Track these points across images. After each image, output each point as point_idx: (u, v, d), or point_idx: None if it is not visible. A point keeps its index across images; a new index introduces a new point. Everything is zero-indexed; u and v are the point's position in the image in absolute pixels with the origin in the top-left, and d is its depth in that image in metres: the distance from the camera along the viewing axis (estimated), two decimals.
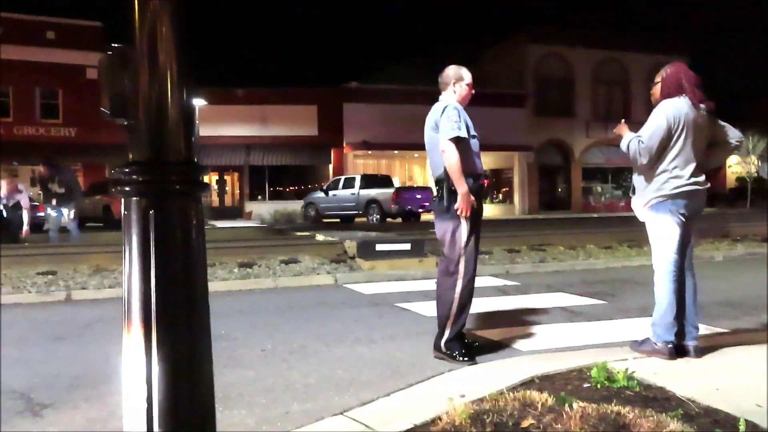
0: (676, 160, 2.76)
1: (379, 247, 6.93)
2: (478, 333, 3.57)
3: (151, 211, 1.03)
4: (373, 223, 17.22)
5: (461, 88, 3.07)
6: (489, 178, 25.56)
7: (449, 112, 2.91)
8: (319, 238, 8.95)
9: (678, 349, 2.75)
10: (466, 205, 2.87)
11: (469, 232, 2.92)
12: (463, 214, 2.89)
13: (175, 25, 1.07)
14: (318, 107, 23.46)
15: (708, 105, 2.81)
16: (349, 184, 18.64)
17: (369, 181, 18.46)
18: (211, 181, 24.11)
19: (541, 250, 7.89)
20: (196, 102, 1.15)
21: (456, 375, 2.63)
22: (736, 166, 29.09)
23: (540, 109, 25.71)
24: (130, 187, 1.04)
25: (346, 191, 18.48)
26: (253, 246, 7.98)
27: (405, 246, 7.00)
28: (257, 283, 5.87)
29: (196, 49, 1.11)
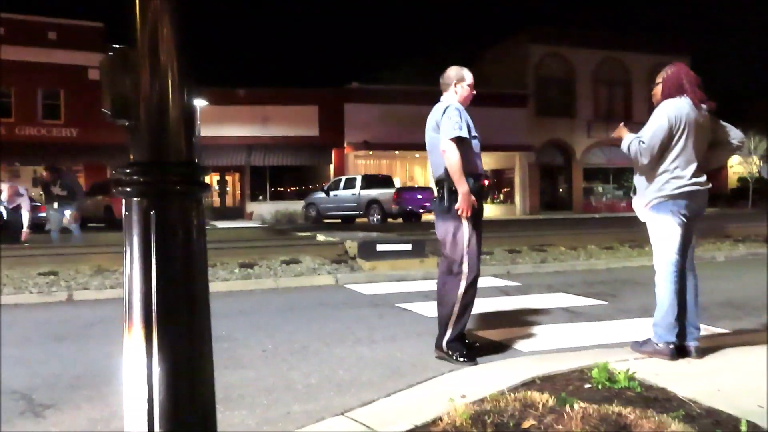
0: (678, 161, 2.76)
1: (380, 247, 6.93)
2: (479, 333, 3.57)
3: (152, 211, 1.03)
4: (374, 223, 17.22)
5: (463, 88, 3.08)
6: (490, 179, 25.56)
7: (450, 112, 2.92)
8: (320, 238, 8.96)
9: (679, 350, 2.75)
10: (467, 204, 2.87)
11: (470, 232, 2.92)
12: (463, 214, 2.89)
13: (176, 26, 1.07)
14: (319, 107, 23.48)
15: (709, 105, 2.80)
16: (350, 185, 18.65)
17: (370, 182, 18.46)
18: (212, 182, 24.15)
19: (542, 251, 7.89)
20: (198, 102, 1.15)
21: (457, 375, 2.63)
22: (737, 167, 29.05)
23: (541, 110, 25.70)
24: (131, 188, 1.04)
25: (347, 192, 18.48)
26: (254, 246, 7.98)
27: (406, 246, 7.00)
28: (258, 284, 5.88)
29: (197, 49, 1.12)
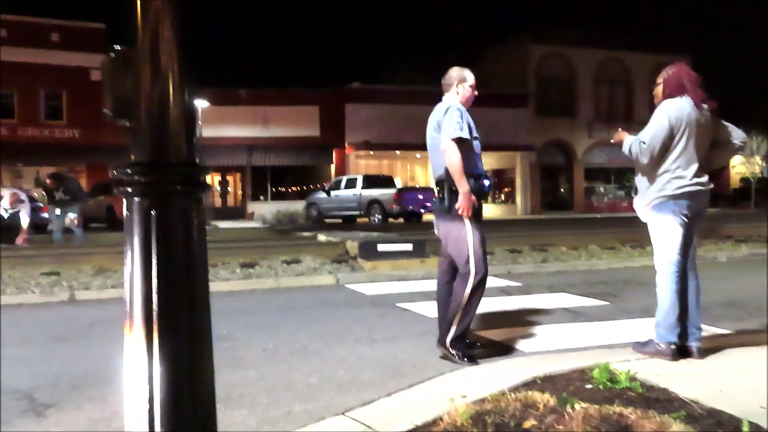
0: (679, 161, 2.75)
1: (381, 247, 6.93)
2: (480, 333, 3.57)
3: (153, 211, 1.03)
4: (375, 223, 17.21)
5: (464, 89, 3.08)
6: (492, 179, 25.53)
7: (452, 112, 2.92)
8: (321, 238, 8.95)
9: (681, 350, 2.74)
10: (468, 204, 2.87)
11: (472, 231, 2.92)
12: (464, 214, 2.89)
13: (177, 27, 1.07)
14: (320, 108, 23.49)
15: (710, 105, 2.80)
16: (351, 185, 18.65)
17: (371, 182, 18.46)
18: (213, 182, 24.17)
19: (543, 251, 7.88)
20: (199, 103, 1.15)
21: (457, 375, 2.63)
22: (740, 167, 28.99)
23: (542, 109, 25.68)
24: (132, 188, 1.05)
25: (348, 192, 18.48)
26: (255, 246, 8.00)
27: (407, 246, 7.00)
28: (259, 284, 5.88)
29: (198, 50, 1.12)
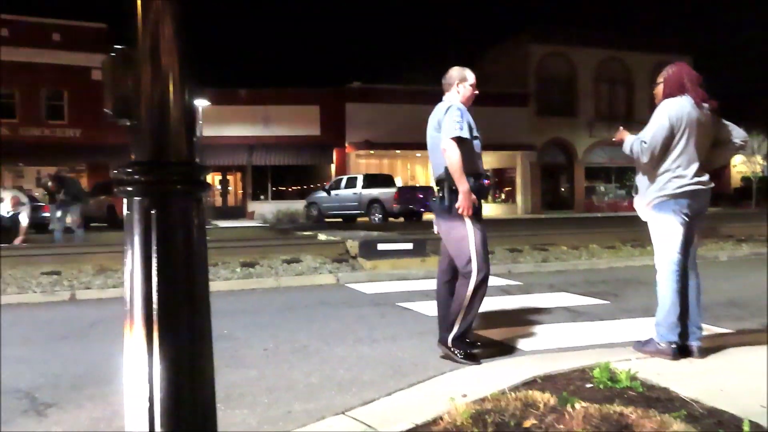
0: (679, 160, 2.75)
1: (381, 246, 6.93)
2: (480, 332, 3.56)
3: (153, 210, 1.03)
4: (375, 222, 17.22)
5: (465, 88, 3.08)
6: (491, 179, 25.52)
7: (452, 112, 2.92)
8: (321, 237, 8.95)
9: (681, 350, 2.74)
10: (468, 203, 2.87)
11: (473, 230, 2.92)
12: (464, 213, 2.89)
13: (178, 26, 1.07)
14: (320, 107, 23.50)
15: (711, 104, 2.80)
16: (351, 184, 18.65)
17: (371, 181, 18.46)
18: (214, 181, 24.18)
19: (543, 250, 7.88)
20: (200, 103, 1.15)
21: (458, 375, 2.63)
22: (741, 166, 28.95)
23: (542, 109, 25.67)
24: (132, 187, 1.05)
25: (349, 191, 18.49)
26: (255, 246, 7.99)
27: (407, 246, 7.00)
28: (259, 283, 5.89)
29: (198, 50, 1.12)
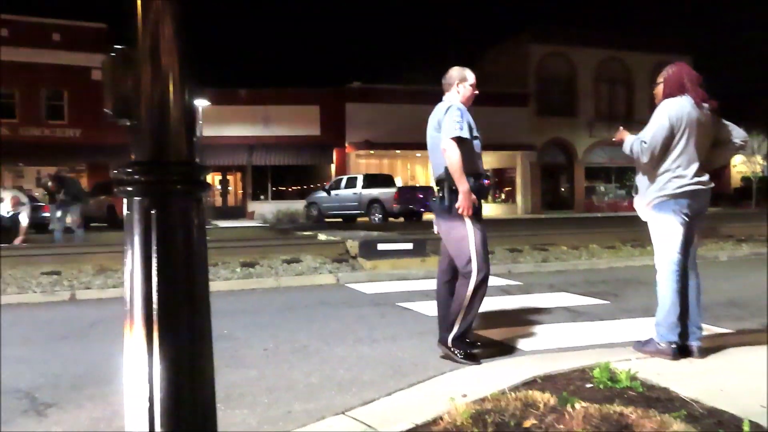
0: (679, 160, 2.75)
1: (381, 246, 6.93)
2: (480, 332, 3.56)
3: (153, 210, 1.03)
4: (375, 222, 17.22)
5: (465, 88, 3.08)
6: (491, 179, 25.52)
7: (452, 112, 2.92)
8: (321, 237, 8.95)
9: (681, 350, 2.74)
10: (468, 203, 2.87)
11: (473, 230, 2.92)
12: (464, 213, 2.89)
13: (178, 26, 1.07)
14: (320, 107, 23.50)
15: (711, 104, 2.80)
16: (351, 184, 18.65)
17: (371, 181, 18.46)
18: (214, 181, 24.18)
19: (543, 250, 7.88)
20: (200, 103, 1.15)
21: (458, 375, 2.63)
22: (741, 166, 28.95)
23: (542, 109, 25.67)
24: (132, 187, 1.05)
25: (349, 191, 18.49)
26: (255, 246, 7.99)
27: (407, 245, 7.00)
28: (259, 283, 5.89)
29: (198, 50, 1.12)
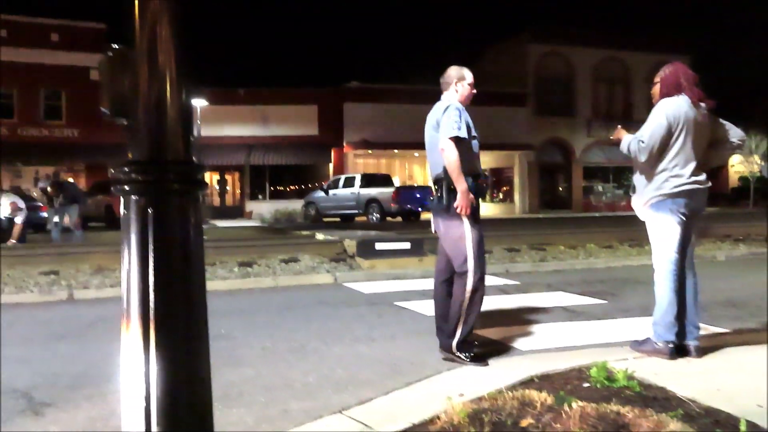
0: (676, 159, 2.76)
1: (379, 246, 6.93)
2: (478, 332, 3.56)
3: (150, 209, 1.03)
4: (373, 222, 17.22)
5: (463, 87, 3.08)
6: (488, 179, 25.54)
7: (450, 111, 2.92)
8: (319, 237, 8.95)
9: (679, 349, 2.75)
10: (466, 202, 2.87)
11: (471, 230, 2.92)
12: (462, 213, 2.89)
13: (175, 26, 1.07)
14: (318, 107, 23.48)
15: (708, 104, 2.80)
16: (349, 184, 18.64)
17: (369, 181, 18.46)
18: (212, 181, 24.14)
19: (541, 249, 7.89)
20: (198, 102, 1.15)
21: (455, 374, 2.64)
22: (738, 166, 29.01)
23: (541, 108, 25.68)
24: (129, 187, 1.05)
25: (347, 190, 18.48)
26: (253, 245, 7.99)
27: (404, 245, 7.01)
28: (257, 282, 5.88)
29: (196, 49, 1.12)
